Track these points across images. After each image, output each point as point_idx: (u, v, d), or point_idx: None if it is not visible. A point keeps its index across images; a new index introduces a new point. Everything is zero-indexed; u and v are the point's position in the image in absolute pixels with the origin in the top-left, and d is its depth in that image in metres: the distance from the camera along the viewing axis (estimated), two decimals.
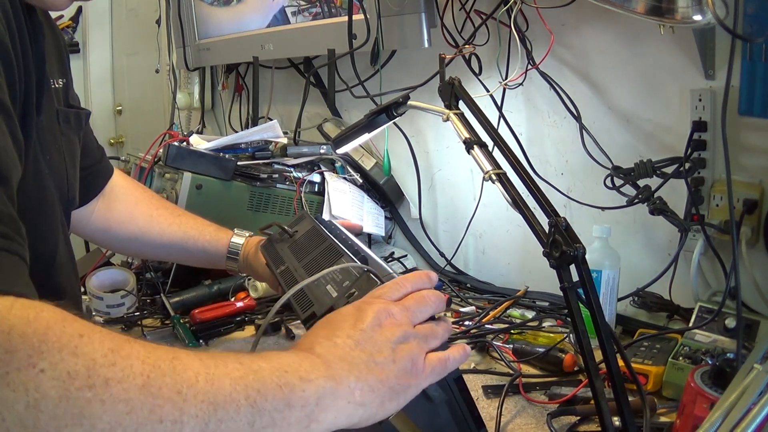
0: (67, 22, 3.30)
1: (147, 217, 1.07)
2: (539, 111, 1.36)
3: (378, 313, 0.58)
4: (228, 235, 1.07)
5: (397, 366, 0.55)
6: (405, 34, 1.45)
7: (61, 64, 0.86)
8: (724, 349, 0.92)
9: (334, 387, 0.52)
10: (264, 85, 1.98)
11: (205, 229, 1.08)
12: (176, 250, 1.07)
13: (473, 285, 1.46)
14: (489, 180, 0.88)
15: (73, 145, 0.86)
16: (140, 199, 1.10)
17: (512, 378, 0.96)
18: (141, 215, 1.07)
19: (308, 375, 0.51)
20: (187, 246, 1.06)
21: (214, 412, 0.46)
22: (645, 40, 1.16)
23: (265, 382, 0.49)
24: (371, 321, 0.57)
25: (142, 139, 3.01)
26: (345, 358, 0.54)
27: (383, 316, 0.58)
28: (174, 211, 1.11)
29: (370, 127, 1.17)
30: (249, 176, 1.46)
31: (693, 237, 1.11)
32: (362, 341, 0.56)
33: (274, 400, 0.48)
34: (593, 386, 0.71)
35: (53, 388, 0.40)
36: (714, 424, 0.63)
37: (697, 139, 1.08)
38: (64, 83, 0.85)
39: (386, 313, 0.58)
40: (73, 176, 0.86)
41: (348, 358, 0.54)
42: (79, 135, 0.89)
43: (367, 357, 0.55)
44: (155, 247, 1.07)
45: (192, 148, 1.43)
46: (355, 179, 1.61)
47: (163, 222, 1.07)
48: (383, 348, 0.56)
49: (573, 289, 0.75)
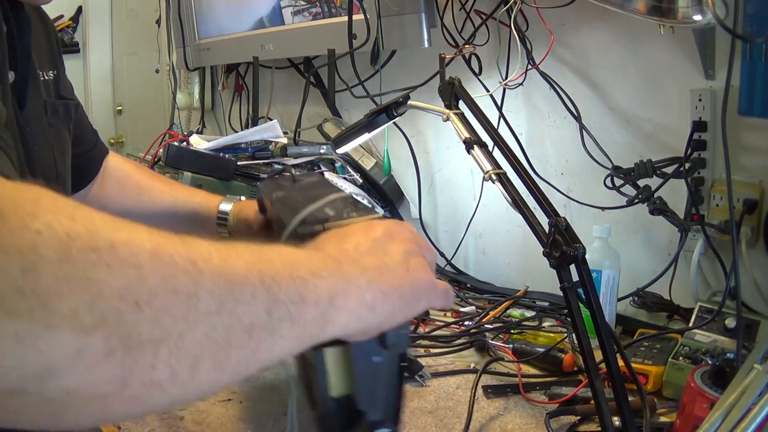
0: (67, 22, 3.31)
1: (138, 188, 1.06)
2: (539, 111, 1.36)
3: (389, 227, 0.57)
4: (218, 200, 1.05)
5: (411, 275, 0.53)
6: (405, 34, 1.45)
7: (52, 56, 0.86)
8: (724, 349, 0.92)
9: (345, 285, 0.49)
10: (264, 85, 1.98)
11: (196, 193, 1.07)
12: (167, 217, 1.05)
13: (473, 285, 1.46)
14: (489, 180, 0.88)
15: (61, 136, 0.86)
16: (132, 172, 1.08)
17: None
18: (132, 187, 1.06)
19: (320, 271, 0.48)
20: (177, 210, 1.04)
21: (230, 291, 0.41)
22: (645, 40, 1.16)
23: (278, 271, 0.45)
24: (383, 233, 0.56)
25: (142, 139, 3.01)
26: (357, 261, 0.52)
27: (394, 230, 0.57)
28: (166, 181, 1.10)
29: (370, 127, 1.17)
30: (249, 176, 1.46)
31: (693, 237, 1.11)
32: (374, 249, 0.54)
33: (288, 291, 0.45)
34: (593, 386, 0.71)
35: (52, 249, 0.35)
36: (714, 424, 0.63)
37: (697, 139, 1.08)
38: (54, 75, 0.85)
39: (397, 229, 0.57)
40: (62, 166, 0.85)
41: (359, 261, 0.52)
42: (69, 126, 0.89)
43: (379, 262, 0.52)
44: (147, 217, 1.04)
45: (192, 148, 1.43)
46: (355, 179, 1.61)
47: (154, 190, 1.06)
48: (396, 255, 0.54)
49: (573, 289, 0.75)
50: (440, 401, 0.93)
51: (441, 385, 0.98)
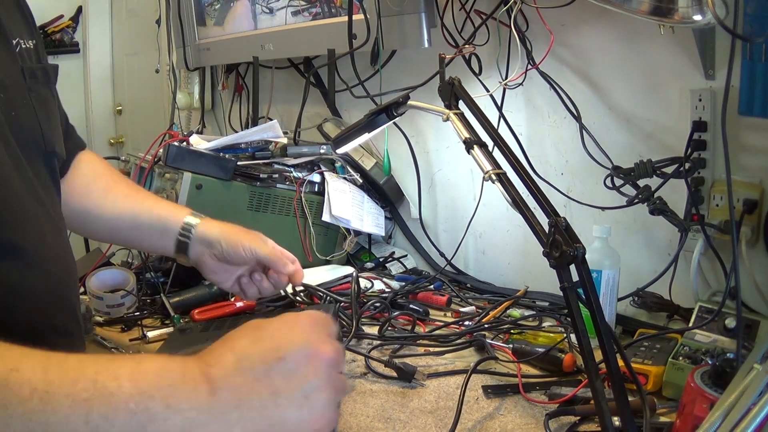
0: (67, 22, 3.30)
1: (103, 191, 1.01)
2: (539, 111, 1.36)
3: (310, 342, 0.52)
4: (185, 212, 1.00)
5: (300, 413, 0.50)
6: (405, 34, 1.45)
7: (28, 27, 0.85)
8: (724, 349, 0.92)
9: (207, 420, 0.47)
10: (264, 85, 1.98)
11: (162, 203, 1.03)
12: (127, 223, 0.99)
13: (473, 285, 1.46)
14: (489, 180, 0.88)
15: (44, 99, 0.84)
16: (102, 173, 1.03)
17: None
18: (98, 189, 1.01)
19: (179, 403, 0.47)
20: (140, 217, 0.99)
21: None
22: (645, 40, 1.16)
23: (117, 407, 0.45)
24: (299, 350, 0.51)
25: (142, 139, 3.01)
26: (241, 389, 0.49)
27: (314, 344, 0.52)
28: (134, 187, 1.06)
29: (370, 127, 1.17)
30: (249, 176, 1.46)
31: (693, 237, 1.11)
32: (276, 372, 0.50)
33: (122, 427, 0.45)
34: (593, 386, 0.71)
35: None
36: (714, 424, 0.63)
37: (697, 139, 1.08)
38: (34, 44, 0.84)
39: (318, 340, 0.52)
40: (49, 128, 0.83)
41: (245, 389, 0.49)
42: (51, 88, 0.87)
43: (270, 393, 0.49)
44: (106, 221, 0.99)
45: (192, 148, 1.43)
46: (355, 179, 1.61)
47: (119, 195, 1.01)
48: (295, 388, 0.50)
49: (573, 289, 0.75)
50: (440, 401, 0.93)
51: (441, 385, 0.98)
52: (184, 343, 0.95)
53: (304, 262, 1.48)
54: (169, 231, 0.99)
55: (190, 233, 0.98)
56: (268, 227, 1.45)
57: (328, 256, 1.53)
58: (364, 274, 1.47)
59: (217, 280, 1.01)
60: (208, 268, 1.00)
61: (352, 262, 1.59)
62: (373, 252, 1.66)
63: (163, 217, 1.00)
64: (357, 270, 1.46)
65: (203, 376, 0.50)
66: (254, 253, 0.98)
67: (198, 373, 0.50)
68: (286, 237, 1.48)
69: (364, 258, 1.64)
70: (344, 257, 1.57)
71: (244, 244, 0.98)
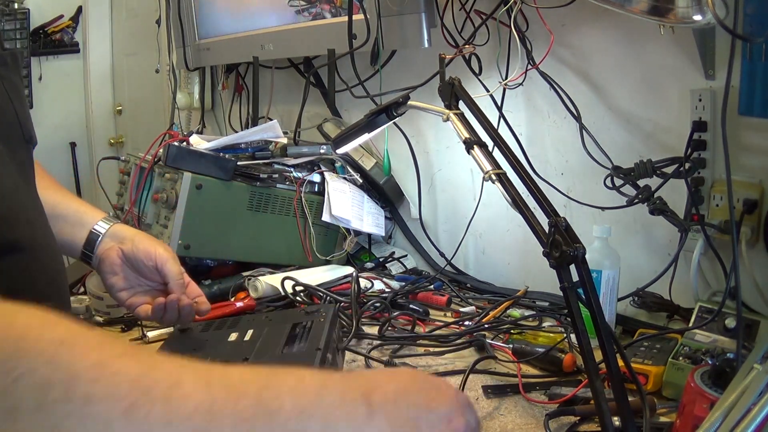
0: (67, 22, 3.31)
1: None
2: (539, 111, 1.36)
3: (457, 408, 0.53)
4: (100, 215, 0.97)
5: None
6: (405, 34, 1.45)
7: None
8: (724, 349, 0.92)
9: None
10: (264, 85, 1.98)
11: (78, 201, 0.99)
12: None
13: (473, 285, 1.46)
14: (489, 180, 0.88)
15: (15, 85, 0.83)
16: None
17: None
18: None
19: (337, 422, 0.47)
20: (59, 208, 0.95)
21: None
22: (645, 40, 1.16)
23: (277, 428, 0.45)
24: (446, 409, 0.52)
25: (142, 139, 3.01)
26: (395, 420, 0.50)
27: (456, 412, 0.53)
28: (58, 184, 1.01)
29: (370, 127, 1.17)
30: (249, 176, 1.46)
31: (693, 237, 1.11)
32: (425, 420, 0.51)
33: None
34: (593, 386, 0.71)
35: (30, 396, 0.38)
36: (714, 424, 0.63)
37: (697, 139, 1.08)
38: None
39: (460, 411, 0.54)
40: (23, 114, 0.82)
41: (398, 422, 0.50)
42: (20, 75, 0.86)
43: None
44: None
45: (192, 148, 1.43)
46: (355, 179, 1.61)
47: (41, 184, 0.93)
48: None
49: (573, 289, 0.75)
50: None
51: None
52: (184, 343, 0.95)
53: (304, 262, 1.50)
54: (85, 224, 0.96)
55: (105, 228, 0.96)
56: (268, 227, 1.47)
57: (328, 256, 1.53)
58: (364, 274, 1.46)
59: (112, 282, 0.96)
60: (109, 266, 0.95)
61: (352, 262, 1.59)
62: (373, 252, 1.66)
63: (81, 212, 0.97)
64: (357, 270, 1.46)
65: (363, 397, 0.50)
66: (163, 264, 0.94)
67: (359, 394, 0.50)
68: (286, 237, 1.48)
69: (364, 258, 1.64)
70: (344, 257, 1.57)
71: (157, 250, 0.95)
